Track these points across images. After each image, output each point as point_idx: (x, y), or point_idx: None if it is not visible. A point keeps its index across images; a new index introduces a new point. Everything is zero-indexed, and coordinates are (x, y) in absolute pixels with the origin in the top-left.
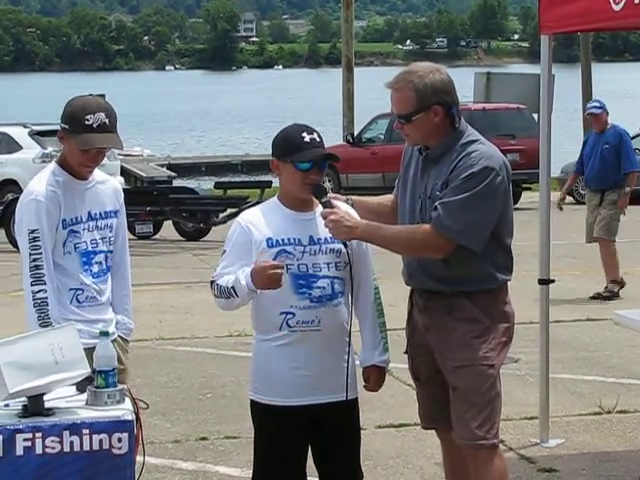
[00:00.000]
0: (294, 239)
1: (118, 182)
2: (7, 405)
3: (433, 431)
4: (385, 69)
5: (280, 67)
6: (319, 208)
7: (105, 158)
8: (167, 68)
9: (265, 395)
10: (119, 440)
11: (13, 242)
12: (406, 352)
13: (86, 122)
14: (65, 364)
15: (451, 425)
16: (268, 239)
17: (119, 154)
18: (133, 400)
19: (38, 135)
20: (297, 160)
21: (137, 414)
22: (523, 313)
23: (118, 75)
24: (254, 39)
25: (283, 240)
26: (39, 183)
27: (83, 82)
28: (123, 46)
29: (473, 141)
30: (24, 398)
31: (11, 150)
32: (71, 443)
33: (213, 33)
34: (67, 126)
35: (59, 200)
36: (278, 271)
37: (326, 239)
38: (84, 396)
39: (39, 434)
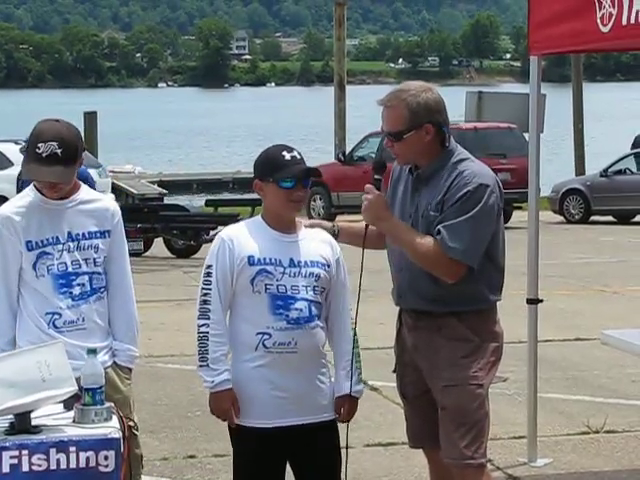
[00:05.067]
0: (275, 259)
1: (112, 202)
2: None
3: (421, 450)
4: (377, 87)
5: (272, 85)
6: (303, 231)
7: (97, 175)
8: (159, 85)
9: (243, 417)
10: (105, 458)
11: None
12: (394, 371)
13: (36, 150)
14: (52, 382)
15: (439, 444)
16: (250, 257)
17: (110, 171)
18: (120, 418)
19: None
20: (280, 178)
21: (124, 432)
22: (512, 332)
23: (110, 92)
24: (246, 57)
25: (265, 259)
26: (4, 205)
27: (75, 99)
28: (115, 63)
29: (463, 159)
30: (11, 415)
31: (2, 166)
32: (57, 461)
33: (205, 51)
34: (25, 151)
35: (18, 222)
36: (230, 415)
37: (306, 262)
38: (71, 414)
39: (25, 451)
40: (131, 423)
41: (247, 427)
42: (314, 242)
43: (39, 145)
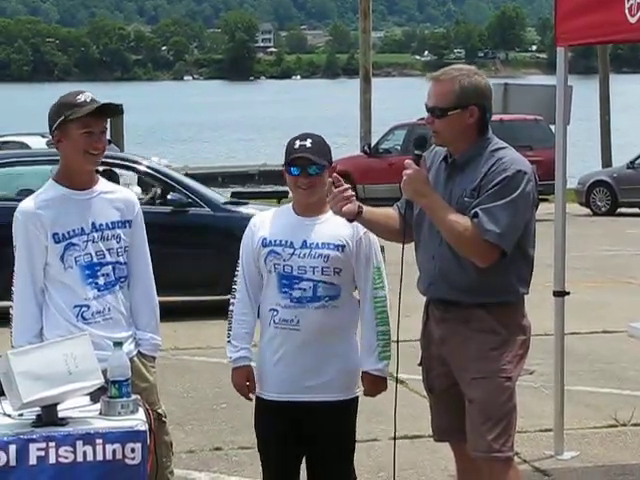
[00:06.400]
0: (286, 241)
1: (133, 193)
2: (21, 415)
3: (447, 443)
4: (403, 80)
5: (298, 77)
6: (328, 214)
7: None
8: (185, 78)
9: (259, 389)
10: (132, 450)
11: None
12: (420, 364)
13: (78, 101)
14: (79, 374)
15: (465, 438)
16: (263, 239)
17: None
18: (147, 410)
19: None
20: (287, 165)
21: (150, 424)
22: (539, 325)
23: (136, 85)
24: (272, 49)
25: (275, 241)
26: (28, 199)
27: (101, 92)
28: (141, 56)
29: (502, 148)
30: (38, 408)
31: None
32: (84, 453)
33: (231, 43)
34: (62, 117)
35: (43, 216)
36: (244, 390)
37: (317, 244)
38: (98, 406)
39: (52, 444)
40: (160, 410)
41: (258, 397)
42: (334, 224)
43: (78, 97)
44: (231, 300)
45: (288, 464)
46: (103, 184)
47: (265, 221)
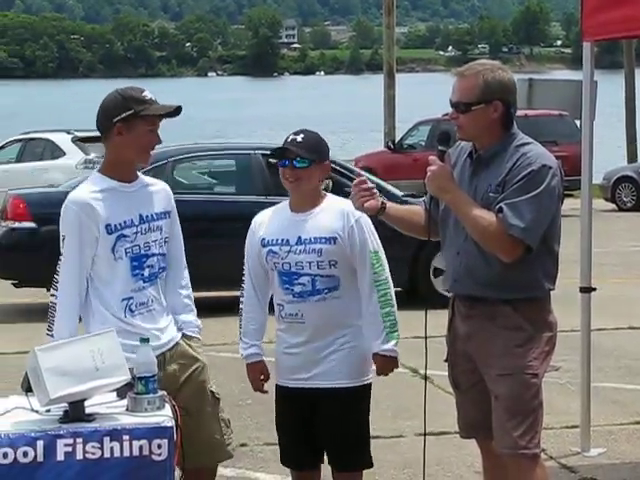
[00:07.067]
0: (282, 240)
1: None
2: (48, 410)
3: (473, 439)
4: (427, 75)
5: (322, 73)
6: (321, 206)
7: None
8: (209, 74)
9: (276, 376)
10: (159, 446)
11: None
12: (446, 360)
13: (146, 97)
14: (106, 370)
15: (491, 434)
16: (262, 239)
17: None
18: (173, 407)
19: (81, 141)
20: (277, 158)
21: (177, 420)
22: (564, 321)
23: (160, 81)
24: (296, 45)
25: (272, 241)
26: (78, 190)
27: None
28: (166, 53)
29: (527, 143)
30: (65, 404)
31: (54, 156)
32: (111, 449)
33: (255, 40)
34: (131, 110)
35: (96, 207)
36: (257, 384)
37: (310, 239)
38: (124, 402)
39: (80, 440)
40: (212, 389)
41: (276, 385)
42: (325, 217)
43: (144, 94)
44: (240, 298)
45: (301, 451)
46: (142, 177)
47: (264, 221)
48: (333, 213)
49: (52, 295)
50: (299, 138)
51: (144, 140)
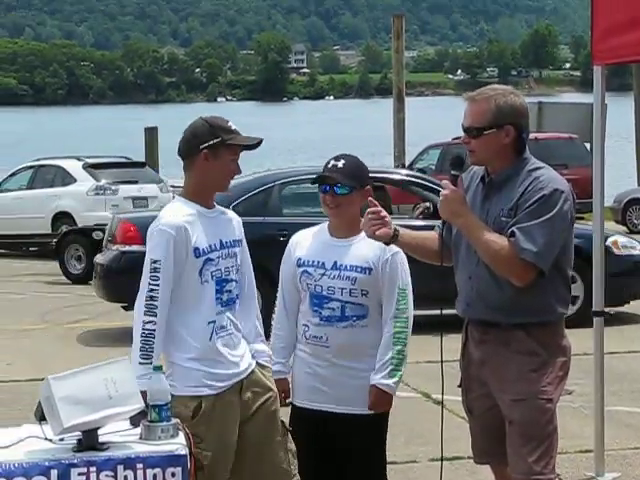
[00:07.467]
0: (318, 262)
1: None
2: (62, 439)
3: (487, 465)
4: (436, 99)
5: (331, 98)
6: (360, 235)
7: (158, 190)
8: (219, 100)
9: (292, 396)
10: (172, 475)
11: (67, 274)
12: (460, 385)
13: (232, 127)
14: (119, 398)
15: (505, 460)
16: (298, 259)
17: (171, 186)
18: (187, 434)
19: (92, 168)
20: (318, 184)
21: (190, 448)
22: (577, 344)
23: (170, 107)
24: (305, 70)
25: (308, 262)
26: (169, 214)
27: (136, 114)
28: (175, 78)
29: (539, 167)
30: (78, 432)
31: (65, 183)
32: (125, 477)
33: (264, 65)
34: (219, 138)
35: (189, 231)
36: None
37: (346, 266)
38: (138, 430)
39: (93, 468)
40: (283, 419)
41: (293, 404)
42: (364, 246)
43: (229, 124)
44: (273, 315)
45: (317, 471)
46: (216, 205)
47: (302, 240)
48: (372, 243)
49: (149, 322)
50: (340, 164)
51: (228, 168)
